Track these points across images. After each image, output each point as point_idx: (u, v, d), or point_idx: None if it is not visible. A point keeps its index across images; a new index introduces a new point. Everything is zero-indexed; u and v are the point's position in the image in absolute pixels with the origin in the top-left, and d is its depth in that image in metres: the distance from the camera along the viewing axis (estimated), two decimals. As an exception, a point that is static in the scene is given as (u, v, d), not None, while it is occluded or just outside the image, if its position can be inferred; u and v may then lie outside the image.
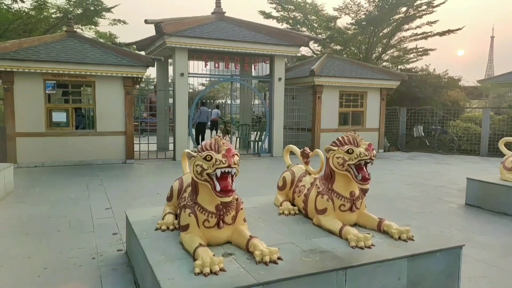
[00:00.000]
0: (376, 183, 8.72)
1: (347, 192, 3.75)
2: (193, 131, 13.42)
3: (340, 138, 3.78)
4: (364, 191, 3.74)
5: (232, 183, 3.11)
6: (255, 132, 14.24)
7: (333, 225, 3.63)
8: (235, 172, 3.14)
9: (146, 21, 10.30)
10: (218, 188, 3.05)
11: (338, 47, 19.11)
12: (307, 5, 18.70)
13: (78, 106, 10.83)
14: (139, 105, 14.20)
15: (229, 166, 3.01)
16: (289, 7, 18.75)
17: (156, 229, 3.70)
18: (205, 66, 11.78)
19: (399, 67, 20.01)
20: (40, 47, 10.06)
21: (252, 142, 13.69)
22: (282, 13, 19.03)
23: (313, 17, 18.75)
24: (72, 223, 5.42)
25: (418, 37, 18.50)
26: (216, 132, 21.22)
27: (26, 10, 13.93)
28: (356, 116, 14.43)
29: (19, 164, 9.76)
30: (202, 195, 3.22)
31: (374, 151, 3.58)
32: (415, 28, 18.20)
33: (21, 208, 6.20)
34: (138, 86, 11.26)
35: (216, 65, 11.89)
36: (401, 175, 9.84)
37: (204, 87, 31.39)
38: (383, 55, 20.12)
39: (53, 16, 14.71)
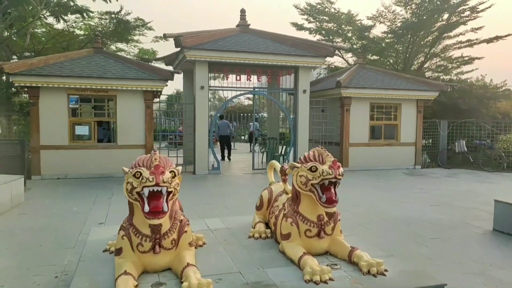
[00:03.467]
0: (398, 203, 8.01)
1: (314, 215, 3.28)
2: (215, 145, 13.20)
3: (306, 154, 3.34)
4: (329, 215, 3.25)
5: (165, 203, 2.79)
6: (282, 146, 13.82)
7: (293, 253, 3.18)
8: (170, 191, 2.82)
9: (165, 35, 10.37)
10: (146, 209, 2.74)
11: (375, 57, 18.28)
12: (342, 15, 18.14)
13: (100, 119, 11.05)
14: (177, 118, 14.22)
15: (157, 185, 2.69)
16: (323, 18, 18.28)
17: (104, 251, 3.45)
18: (226, 79, 11.63)
19: (446, 76, 18.73)
20: (66, 63, 10.42)
21: (277, 156, 13.27)
22: (316, 23, 18.58)
23: (348, 27, 18.12)
24: (58, 238, 5.34)
25: (463, 45, 17.23)
26: (253, 145, 20.89)
27: (61, 28, 14.72)
28: (389, 130, 13.57)
29: (43, 176, 10.08)
30: (136, 215, 2.93)
31: (341, 169, 3.10)
32: (458, 35, 17.00)
33: (20, 220, 6.27)
34: (158, 99, 11.28)
35: (238, 78, 11.69)
36: (431, 195, 8.95)
37: (248, 101, 31.25)
38: (426, 65, 18.97)
39: (86, 34, 15.40)
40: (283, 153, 13.15)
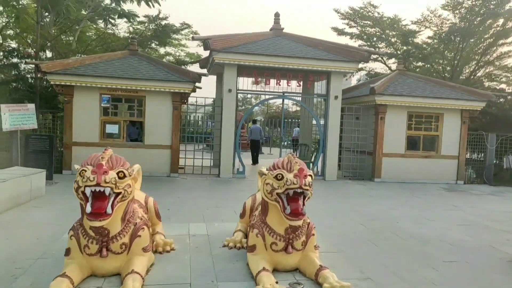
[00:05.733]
0: (423, 220, 7.39)
1: (282, 227, 3.01)
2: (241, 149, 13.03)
3: (275, 161, 3.08)
4: (293, 229, 2.95)
5: (110, 205, 2.66)
6: (313, 153, 13.40)
7: (254, 267, 2.94)
8: (118, 193, 2.68)
9: (193, 38, 10.43)
10: (88, 209, 2.62)
11: (420, 64, 17.29)
12: (387, 20, 17.33)
13: (129, 119, 11.31)
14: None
15: (97, 185, 2.57)
16: (366, 22, 17.58)
17: (69, 249, 3.39)
18: (256, 84, 11.49)
19: (507, 87, 17.30)
20: (101, 63, 10.78)
21: (307, 164, 12.87)
22: (357, 28, 17.91)
23: (393, 32, 17.28)
24: (57, 233, 5.39)
25: (520, 52, 15.82)
26: (294, 150, 20.54)
27: (103, 31, 15.38)
28: (428, 141, 12.71)
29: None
30: (84, 216, 2.82)
31: (308, 179, 2.81)
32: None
33: (32, 213, 6.47)
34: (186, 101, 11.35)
35: (267, 82, 11.51)
36: (463, 213, 8.20)
37: (295, 106, 30.80)
38: (479, 73, 17.61)
39: (126, 36, 15.98)
40: (311, 160, 12.72)
